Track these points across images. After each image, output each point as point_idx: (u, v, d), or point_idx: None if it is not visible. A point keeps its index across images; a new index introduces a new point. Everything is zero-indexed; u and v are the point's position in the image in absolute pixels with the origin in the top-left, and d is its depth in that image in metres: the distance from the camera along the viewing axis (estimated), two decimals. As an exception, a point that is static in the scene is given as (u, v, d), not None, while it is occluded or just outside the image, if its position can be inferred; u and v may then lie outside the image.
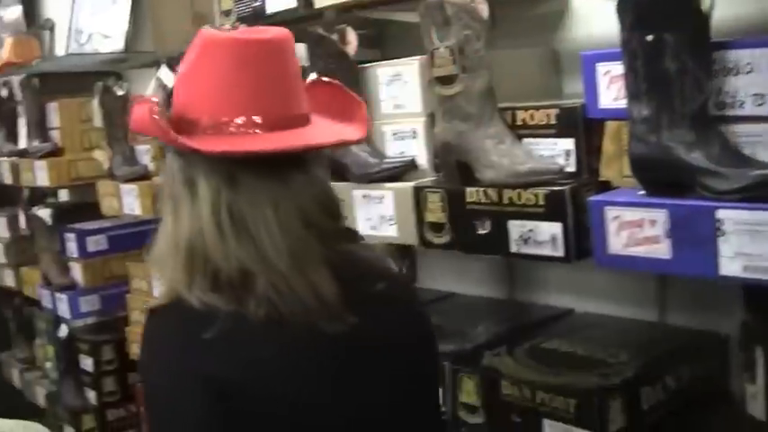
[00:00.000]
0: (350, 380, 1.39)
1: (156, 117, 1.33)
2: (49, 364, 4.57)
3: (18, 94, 4.26)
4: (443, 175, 1.98)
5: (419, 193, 1.98)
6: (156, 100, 1.37)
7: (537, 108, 1.85)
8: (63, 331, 4.24)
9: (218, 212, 1.35)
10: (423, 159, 2.08)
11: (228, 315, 1.31)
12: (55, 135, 4.05)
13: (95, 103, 3.33)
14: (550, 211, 1.73)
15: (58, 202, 4.69)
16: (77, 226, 4.10)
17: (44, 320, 4.56)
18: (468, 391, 2.02)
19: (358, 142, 1.58)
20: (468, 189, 1.86)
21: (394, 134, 2.13)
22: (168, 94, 2.90)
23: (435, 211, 1.94)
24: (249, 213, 1.34)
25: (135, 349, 3.52)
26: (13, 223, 4.78)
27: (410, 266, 2.19)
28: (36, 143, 4.04)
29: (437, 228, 1.95)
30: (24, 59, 4.36)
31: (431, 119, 2.02)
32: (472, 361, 2.07)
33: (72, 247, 4.07)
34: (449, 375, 2.08)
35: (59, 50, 4.45)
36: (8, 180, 4.41)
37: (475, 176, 1.86)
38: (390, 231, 2.09)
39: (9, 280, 4.89)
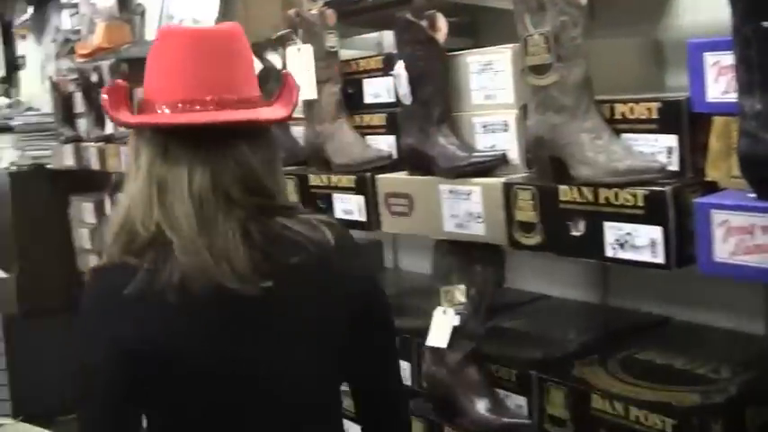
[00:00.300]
0: (260, 343, 1.51)
1: (104, 96, 1.54)
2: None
3: (107, 80, 4.24)
4: (535, 171, 1.86)
5: (509, 189, 1.86)
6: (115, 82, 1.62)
7: (637, 101, 1.70)
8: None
9: (150, 181, 1.49)
10: (514, 154, 1.95)
11: (144, 277, 1.43)
12: (142, 121, 4.01)
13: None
14: (650, 214, 1.59)
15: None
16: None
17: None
18: (556, 403, 1.89)
19: (270, 122, 1.62)
20: (562, 187, 1.73)
21: (484, 126, 2.01)
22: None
23: (526, 209, 1.82)
24: (170, 181, 1.48)
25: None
26: (99, 209, 4.78)
27: (498, 266, 2.06)
28: (123, 129, 4.01)
29: (527, 227, 1.82)
30: (115, 45, 4.35)
31: (523, 111, 1.89)
32: (561, 370, 1.94)
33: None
34: (535, 385, 1.96)
35: (150, 36, 4.42)
36: (95, 165, 4.40)
37: (569, 173, 1.73)
38: (477, 230, 1.97)
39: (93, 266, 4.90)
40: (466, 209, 1.98)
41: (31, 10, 7.09)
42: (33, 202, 5.56)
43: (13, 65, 8.52)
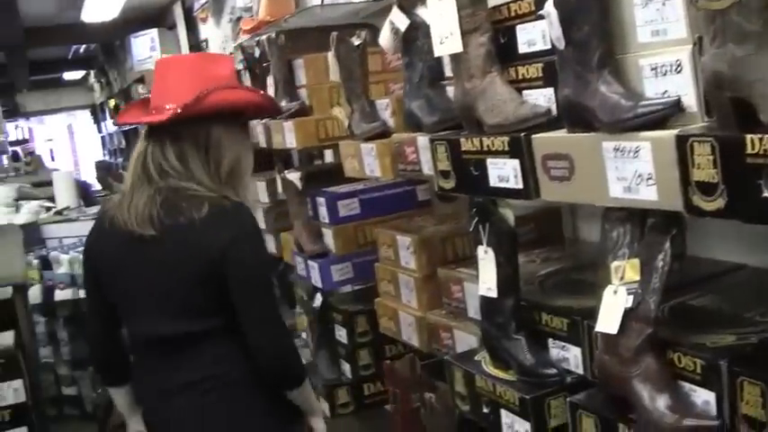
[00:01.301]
0: (143, 268, 2.33)
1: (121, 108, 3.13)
2: (303, 335, 4.42)
3: (268, 53, 4.08)
4: (716, 118, 1.52)
5: (683, 143, 1.52)
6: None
7: None
8: (317, 300, 4.07)
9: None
10: (691, 99, 1.61)
11: (106, 211, 2.42)
12: (303, 93, 3.84)
13: (330, 55, 3.05)
14: None
15: (313, 164, 4.52)
16: (328, 189, 3.88)
17: (303, 288, 4.41)
18: (752, 402, 1.55)
19: (148, 122, 2.40)
20: (749, 136, 1.37)
21: (652, 69, 1.67)
22: (399, 38, 2.59)
23: (705, 166, 1.48)
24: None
25: (385, 323, 3.26)
26: (271, 187, 4.65)
27: (677, 235, 1.73)
28: (284, 103, 3.84)
29: (707, 189, 1.48)
30: (278, 17, 4.21)
31: (699, 45, 1.55)
32: (759, 361, 1.60)
33: (323, 211, 3.86)
34: (726, 378, 1.62)
35: (313, 2, 4.26)
36: (262, 143, 4.26)
37: (758, 119, 1.38)
38: (648, 194, 1.64)
39: (271, 245, 4.79)
40: (634, 169, 1.65)
41: (208, -7, 7.14)
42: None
43: (198, 48, 8.65)
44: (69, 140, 21.20)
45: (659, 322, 1.76)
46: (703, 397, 1.67)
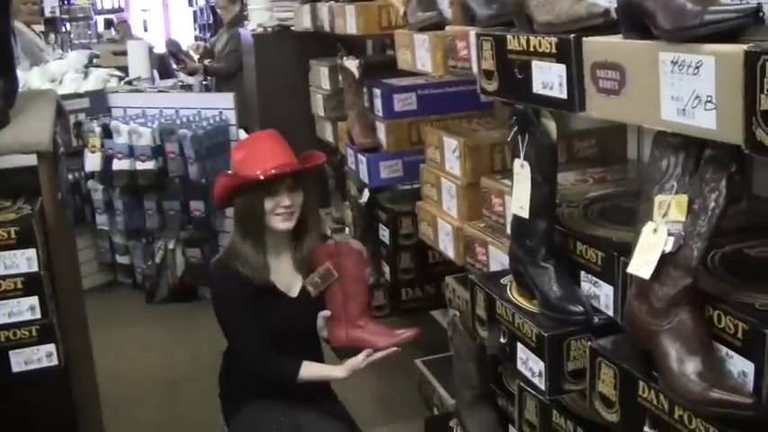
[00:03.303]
0: None
1: None
2: (347, 230, 4.24)
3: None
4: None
5: (754, 61, 1.23)
6: None
7: None
8: (364, 196, 3.86)
9: None
10: (773, 10, 1.33)
11: None
12: (371, -24, 3.57)
13: (390, -68, 2.78)
14: None
15: (377, 54, 4.27)
16: (386, 81, 3.63)
17: (354, 182, 4.21)
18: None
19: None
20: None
21: (731, -32, 1.39)
22: None
23: (777, 93, 1.20)
24: None
25: (424, 228, 3.04)
26: (333, 74, 4.42)
27: (737, 172, 1.45)
28: (349, -17, 3.58)
29: (775, 121, 1.21)
30: None
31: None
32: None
33: (378, 104, 3.62)
34: (770, 347, 1.36)
35: None
36: (326, 27, 4.02)
37: None
38: (705, 120, 1.36)
39: (328, 134, 4.59)
40: (692, 89, 1.37)
41: None
42: (276, 66, 5.38)
43: None
44: (163, 12, 21.09)
45: (703, 272, 1.50)
46: (741, 367, 1.41)
